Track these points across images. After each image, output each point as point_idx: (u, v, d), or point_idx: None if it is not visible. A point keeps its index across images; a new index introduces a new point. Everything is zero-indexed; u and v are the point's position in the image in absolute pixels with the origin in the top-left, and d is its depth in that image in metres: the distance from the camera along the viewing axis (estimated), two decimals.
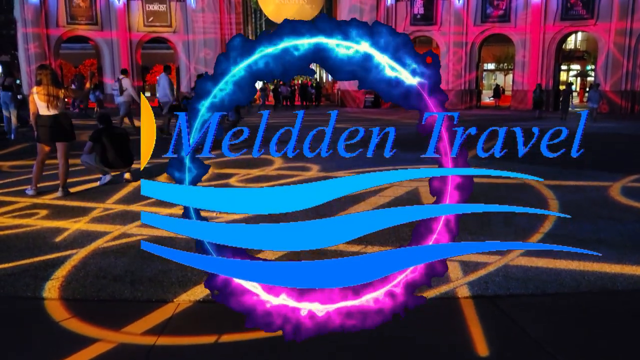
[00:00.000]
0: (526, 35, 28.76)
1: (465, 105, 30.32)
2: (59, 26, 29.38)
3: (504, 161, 11.04)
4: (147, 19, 30.80)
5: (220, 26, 31.16)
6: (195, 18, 30.94)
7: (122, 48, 30.53)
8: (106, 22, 30.16)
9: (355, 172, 9.12)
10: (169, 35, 31.68)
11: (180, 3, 31.23)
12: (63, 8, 29.21)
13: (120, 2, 30.19)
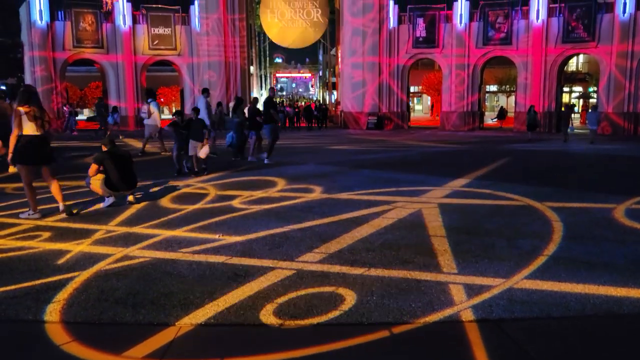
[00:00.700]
0: (528, 57, 28.97)
1: (468, 127, 30.41)
2: (65, 49, 29.77)
3: (507, 182, 11.05)
4: (152, 42, 31.18)
5: (225, 49, 31.50)
6: (199, 41, 31.31)
7: (127, 71, 30.87)
8: (112, 46, 30.54)
9: (358, 194, 9.17)
10: (173, 58, 32.04)
11: (185, 26, 31.64)
12: (70, 32, 29.63)
13: (126, 26, 30.61)
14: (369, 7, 30.48)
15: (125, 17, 30.56)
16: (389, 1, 30.68)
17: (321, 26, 38.01)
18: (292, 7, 36.58)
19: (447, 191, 9.50)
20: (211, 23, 31.00)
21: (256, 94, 48.91)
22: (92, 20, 29.98)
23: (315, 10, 36.77)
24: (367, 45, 30.76)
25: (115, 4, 32.53)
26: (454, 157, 16.13)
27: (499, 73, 45.49)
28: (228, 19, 31.36)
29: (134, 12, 31.12)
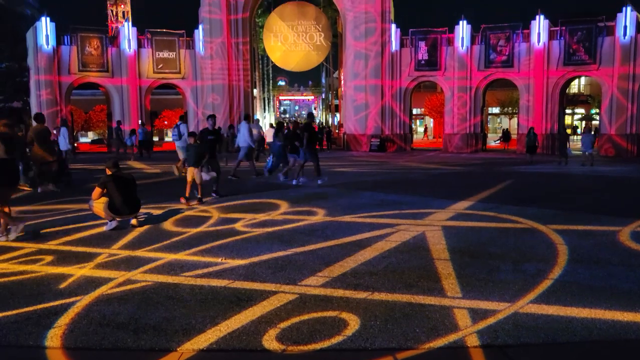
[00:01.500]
0: (529, 80, 29.15)
1: (471, 149, 30.46)
2: (70, 73, 30.10)
3: (511, 205, 11.00)
4: (157, 65, 31.52)
5: (228, 72, 31.77)
6: (203, 65, 31.62)
7: (132, 94, 31.15)
8: (117, 69, 30.88)
9: (361, 216, 9.14)
10: (177, 82, 32.34)
11: (190, 50, 32.01)
12: (75, 56, 29.99)
13: (131, 50, 30.99)
14: (371, 31, 30.83)
15: (131, 42, 30.96)
16: (390, 25, 31.02)
17: (324, 50, 38.38)
18: (295, 31, 37.01)
19: (450, 214, 9.47)
20: (215, 47, 31.35)
21: (259, 117, 49.24)
22: (97, 45, 30.37)
23: (318, 34, 37.18)
24: (369, 68, 31.03)
25: (121, 28, 33.02)
26: (457, 179, 16.12)
27: (501, 95, 45.79)
28: (232, 42, 31.71)
29: (139, 36, 31.53)
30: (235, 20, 31.75)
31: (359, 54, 31.26)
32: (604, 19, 27.95)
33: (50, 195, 12.20)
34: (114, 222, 8.27)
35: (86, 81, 31.31)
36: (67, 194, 12.24)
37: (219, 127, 18.91)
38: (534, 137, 22.76)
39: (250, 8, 32.98)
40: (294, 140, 14.76)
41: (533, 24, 28.84)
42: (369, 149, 30.88)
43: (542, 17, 28.68)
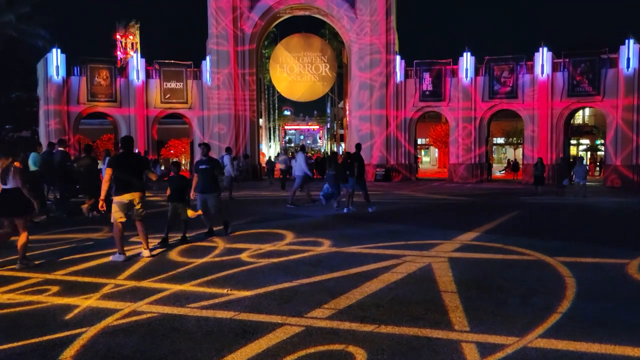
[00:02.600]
0: (534, 110, 29.29)
1: (476, 179, 30.44)
2: (79, 103, 30.49)
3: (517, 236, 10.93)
4: (164, 96, 31.91)
5: (235, 102, 32.09)
6: (210, 95, 32.01)
7: (139, 123, 31.47)
8: (125, 99, 31.28)
9: (367, 247, 9.11)
10: (184, 111, 32.68)
11: (197, 81, 32.44)
12: (84, 86, 30.43)
13: (139, 81, 31.44)
14: (376, 62, 31.24)
15: (139, 72, 31.43)
16: (395, 56, 31.42)
17: (329, 80, 38.90)
18: (301, 62, 37.60)
19: (456, 245, 9.43)
20: (222, 77, 31.78)
21: (265, 146, 49.60)
22: (106, 75, 30.84)
23: (323, 65, 37.75)
24: (374, 98, 31.31)
25: (130, 59, 33.58)
26: (462, 209, 16.08)
27: (505, 126, 45.95)
28: (238, 73, 32.16)
29: (147, 67, 32.01)
30: (242, 52, 32.27)
31: (364, 85, 31.60)
32: (607, 51, 28.24)
33: (57, 224, 12.25)
34: (122, 256, 8.26)
35: (94, 111, 31.69)
36: (73, 223, 12.28)
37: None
38: (541, 168, 22.34)
39: (257, 40, 33.56)
40: (345, 169, 15.32)
41: (536, 55, 29.15)
42: (374, 179, 30.91)
43: (546, 49, 29.01)
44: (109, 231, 11.14)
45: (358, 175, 14.92)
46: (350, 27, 31.96)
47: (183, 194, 9.98)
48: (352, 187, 15.08)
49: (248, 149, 32.77)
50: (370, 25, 31.24)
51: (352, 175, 14.90)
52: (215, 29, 31.71)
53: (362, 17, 31.41)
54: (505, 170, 42.48)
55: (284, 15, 34.31)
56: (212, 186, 10.59)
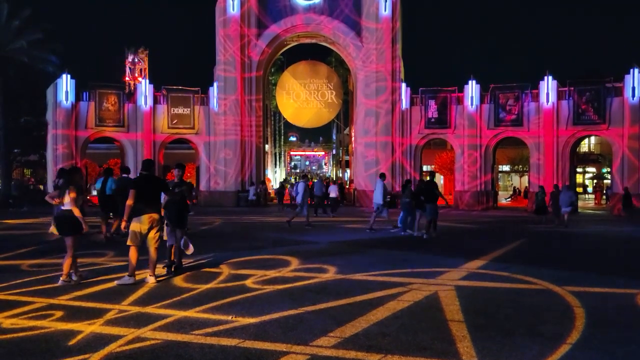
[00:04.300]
0: (539, 138, 29.36)
1: (482, 207, 30.34)
2: (87, 128, 30.83)
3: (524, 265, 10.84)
4: (172, 121, 32.22)
5: (241, 128, 32.34)
6: (217, 120, 32.28)
7: (146, 148, 31.71)
8: (132, 124, 31.59)
9: (373, 275, 9.05)
10: (191, 137, 32.93)
11: (204, 107, 32.76)
12: (93, 111, 30.81)
13: (147, 106, 31.80)
14: (381, 90, 31.51)
15: (147, 98, 31.81)
16: (401, 84, 31.71)
17: (335, 107, 39.18)
18: (307, 89, 37.95)
19: (463, 273, 9.36)
20: (229, 103, 32.09)
21: (270, 172, 49.73)
22: (115, 101, 31.23)
23: (329, 92, 38.08)
24: (380, 125, 31.48)
25: (138, 85, 34.05)
26: (469, 237, 16.00)
27: (511, 153, 45.99)
28: (245, 99, 32.48)
29: (155, 93, 32.42)
30: (249, 79, 32.65)
31: (370, 112, 31.82)
32: (611, 80, 28.41)
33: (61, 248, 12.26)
34: (132, 278, 8.25)
35: (102, 135, 32.03)
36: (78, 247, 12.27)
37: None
38: (542, 197, 21.45)
39: (264, 67, 34.02)
40: (420, 196, 15.89)
41: (542, 84, 29.35)
42: None
43: (551, 77, 29.22)
44: (114, 256, 11.15)
45: (426, 201, 15.53)
46: (357, 55, 32.36)
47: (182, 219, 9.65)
48: (431, 214, 15.47)
49: (254, 175, 32.87)
50: (376, 53, 31.63)
51: (430, 201, 15.40)
52: (223, 56, 32.17)
53: (368, 45, 31.83)
54: (512, 197, 42.35)
55: (290, 42, 34.83)
56: (180, 214, 9.62)
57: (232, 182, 32.05)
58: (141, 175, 8.70)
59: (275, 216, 24.17)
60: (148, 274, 8.56)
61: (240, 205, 31.18)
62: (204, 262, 10.40)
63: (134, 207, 8.28)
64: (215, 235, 15.86)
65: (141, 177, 8.67)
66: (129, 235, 8.43)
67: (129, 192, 8.31)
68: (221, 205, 30.28)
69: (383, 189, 17.30)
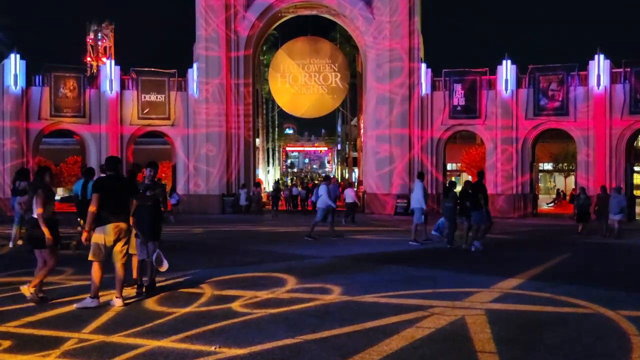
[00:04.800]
0: (588, 130, 29.33)
1: (519, 213, 30.28)
2: (41, 119, 30.89)
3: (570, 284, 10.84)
4: (142, 110, 32.29)
5: (226, 118, 32.37)
6: (197, 109, 32.31)
7: (112, 143, 31.74)
8: (95, 115, 31.65)
9: (386, 296, 9.07)
10: (166, 129, 33.01)
11: (182, 93, 32.80)
12: (47, 99, 30.85)
13: (113, 92, 31.86)
14: (397, 71, 31.51)
15: (113, 82, 31.91)
16: (420, 64, 31.71)
17: (340, 92, 39.23)
18: (306, 71, 37.96)
19: (495, 294, 9.37)
20: (211, 89, 32.15)
21: (262, 170, 49.84)
22: (73, 86, 31.28)
23: (333, 74, 38.12)
24: (394, 114, 31.52)
25: (102, 67, 34.11)
26: (502, 250, 16.00)
27: (554, 148, 45.95)
28: (231, 84, 32.55)
29: (122, 76, 32.53)
30: (236, 58, 32.73)
31: (383, 98, 31.85)
32: None
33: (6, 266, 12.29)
34: (95, 301, 8.26)
35: (59, 128, 32.13)
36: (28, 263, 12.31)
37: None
38: (584, 202, 21.28)
39: (254, 44, 34.05)
40: (465, 201, 16.07)
41: (591, 64, 29.31)
42: (395, 212, 30.89)
43: (602, 57, 29.15)
44: (73, 273, 11.18)
45: (472, 207, 15.71)
46: (366, 30, 32.42)
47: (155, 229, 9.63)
48: (479, 221, 15.63)
49: (242, 175, 32.95)
50: (390, 27, 31.66)
51: (476, 207, 15.54)
52: (205, 31, 32.24)
53: (381, 18, 31.86)
54: (555, 202, 42.33)
55: (286, 15, 34.89)
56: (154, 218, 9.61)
57: (216, 184, 32.14)
58: (106, 177, 8.73)
59: (268, 225, 24.19)
60: (114, 295, 8.58)
61: (225, 211, 31.27)
62: (181, 281, 10.41)
63: (98, 214, 8.29)
64: (195, 249, 15.88)
65: (106, 179, 8.69)
66: (91, 249, 8.44)
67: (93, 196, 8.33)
68: (203, 212, 30.35)
69: (423, 192, 17.49)
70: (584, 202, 21.41)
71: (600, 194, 20.64)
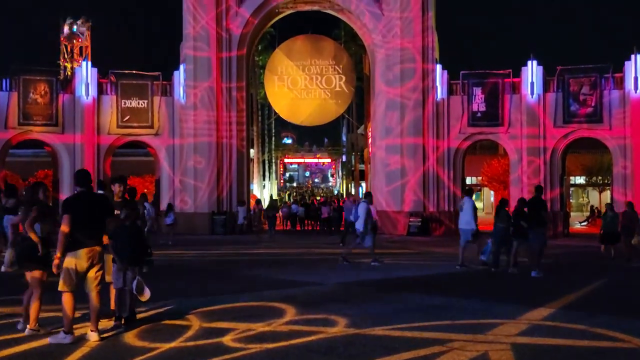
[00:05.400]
0: (625, 140, 29.29)
1: (548, 233, 30.04)
2: (8, 128, 30.85)
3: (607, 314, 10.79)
4: (122, 118, 32.27)
5: (217, 126, 32.29)
6: (184, 117, 32.28)
7: (87, 155, 31.65)
8: (69, 123, 31.62)
9: (398, 329, 9.02)
10: (149, 139, 33.00)
11: (166, 98, 32.82)
12: (15, 105, 30.81)
13: (89, 97, 31.85)
14: (409, 74, 31.52)
15: (89, 87, 31.95)
16: (435, 65, 31.75)
17: (345, 97, 39.27)
18: (307, 73, 37.95)
19: (522, 326, 9.31)
20: (200, 93, 32.14)
21: (257, 185, 49.82)
22: (45, 91, 31.31)
23: (337, 77, 38.13)
24: (406, 122, 31.52)
25: (77, 69, 34.21)
26: (529, 276, 15.93)
27: (587, 160, 45.92)
28: (223, 88, 32.55)
29: (100, 79, 32.62)
30: (228, 59, 32.79)
31: (393, 104, 31.89)
32: None
33: None
34: (69, 337, 8.20)
35: (28, 138, 32.12)
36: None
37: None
38: (611, 221, 20.69)
39: (248, 44, 34.13)
40: (519, 220, 16.25)
41: (627, 65, 29.38)
42: (407, 232, 30.84)
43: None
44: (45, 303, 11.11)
45: (530, 226, 15.89)
46: (374, 27, 32.55)
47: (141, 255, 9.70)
48: (538, 243, 15.84)
49: (234, 190, 32.89)
50: (401, 24, 31.76)
51: (535, 226, 15.77)
52: (193, 29, 32.35)
53: (390, 14, 31.99)
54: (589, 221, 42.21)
55: (284, 10, 35.00)
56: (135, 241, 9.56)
57: (205, 201, 32.06)
58: (78, 194, 8.64)
59: (264, 247, 24.15)
60: (89, 328, 8.53)
61: (216, 231, 31.20)
62: (165, 312, 10.36)
63: (69, 238, 8.21)
64: (181, 274, 15.84)
65: (78, 196, 8.61)
66: (60, 277, 8.32)
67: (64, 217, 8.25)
68: (190, 232, 30.27)
69: (473, 210, 17.64)
70: (610, 221, 20.92)
71: (627, 211, 20.37)
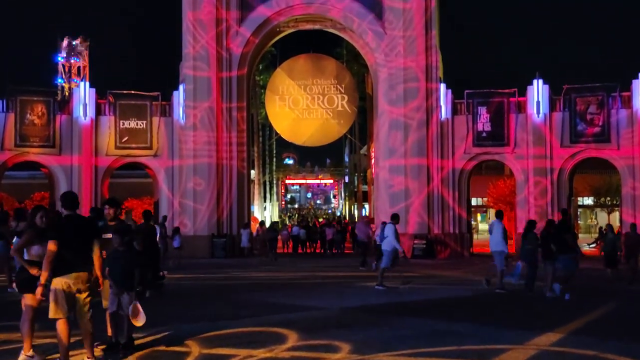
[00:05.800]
0: (634, 159, 29.28)
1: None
2: (4, 149, 30.88)
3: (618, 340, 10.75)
4: (121, 139, 32.30)
5: (217, 148, 32.28)
6: (184, 137, 32.29)
7: (85, 177, 31.62)
8: (66, 144, 31.64)
9: (404, 355, 8.97)
10: (147, 160, 33.00)
11: (166, 118, 32.84)
12: (12, 126, 30.82)
13: (87, 118, 31.89)
14: (412, 93, 31.58)
15: (87, 107, 31.99)
16: (439, 85, 31.84)
17: (347, 117, 39.31)
18: (308, 93, 38.01)
19: (531, 351, 9.26)
20: (200, 114, 32.17)
21: (258, 207, 49.79)
22: (42, 112, 31.35)
23: (339, 96, 38.20)
24: (410, 142, 31.52)
25: (75, 90, 34.34)
26: (537, 300, 15.87)
27: (595, 181, 45.90)
28: (223, 108, 32.58)
29: (98, 100, 32.69)
30: (229, 79, 32.86)
31: (396, 124, 31.92)
32: None
33: None
34: None
35: (24, 160, 32.14)
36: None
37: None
38: (612, 243, 20.55)
39: (249, 63, 34.26)
40: (549, 243, 16.30)
41: (635, 83, 29.47)
42: (412, 255, 30.68)
43: None
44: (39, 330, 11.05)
45: (558, 251, 16.07)
46: (377, 46, 32.67)
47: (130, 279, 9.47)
48: (569, 267, 16.20)
49: (235, 213, 32.84)
50: (404, 42, 31.88)
51: (564, 250, 15.98)
52: (193, 49, 32.45)
53: (393, 32, 32.10)
54: (597, 243, 42.01)
55: (285, 29, 35.20)
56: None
57: (205, 223, 31.97)
58: (64, 218, 8.51)
59: (265, 270, 24.08)
60: (86, 355, 8.48)
61: (216, 255, 31.11)
62: (164, 337, 10.31)
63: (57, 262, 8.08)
64: (181, 299, 15.77)
65: (65, 220, 8.48)
66: (50, 303, 8.06)
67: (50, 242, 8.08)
68: (190, 256, 30.10)
69: (504, 232, 17.68)
70: (609, 243, 20.84)
71: (630, 233, 20.31)
